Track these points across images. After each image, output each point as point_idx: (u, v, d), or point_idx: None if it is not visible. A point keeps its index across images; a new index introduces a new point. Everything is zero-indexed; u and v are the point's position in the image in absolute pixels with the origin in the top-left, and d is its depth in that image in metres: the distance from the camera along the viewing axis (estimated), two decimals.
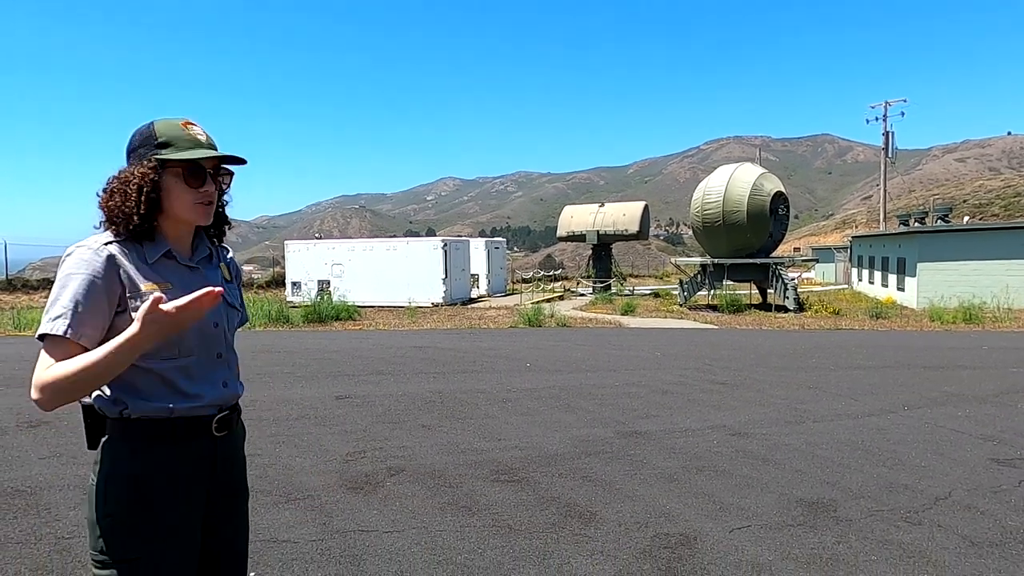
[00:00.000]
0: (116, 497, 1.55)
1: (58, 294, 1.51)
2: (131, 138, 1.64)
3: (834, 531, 3.72)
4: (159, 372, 1.59)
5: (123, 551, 1.54)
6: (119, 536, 1.54)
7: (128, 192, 1.57)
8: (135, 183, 1.57)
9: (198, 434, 1.64)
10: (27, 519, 3.74)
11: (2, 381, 7.85)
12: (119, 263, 1.55)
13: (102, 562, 1.55)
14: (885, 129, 37.31)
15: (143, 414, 1.57)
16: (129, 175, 1.58)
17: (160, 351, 1.57)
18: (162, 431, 1.59)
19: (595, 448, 5.34)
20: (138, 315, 1.43)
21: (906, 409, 6.91)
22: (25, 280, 29.39)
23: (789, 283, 21.36)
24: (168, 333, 1.47)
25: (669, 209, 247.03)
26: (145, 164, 1.59)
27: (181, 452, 1.62)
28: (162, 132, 1.60)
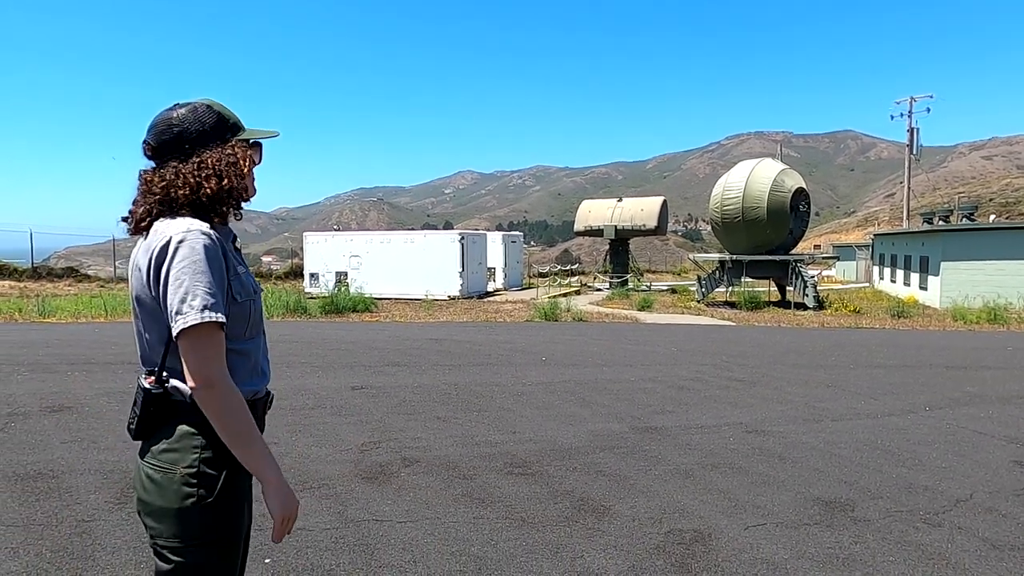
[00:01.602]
0: (212, 481, 1.54)
1: (198, 281, 1.49)
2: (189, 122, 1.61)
3: (851, 531, 3.67)
4: (247, 352, 1.64)
5: (209, 533, 1.54)
6: (215, 517, 1.54)
7: (240, 172, 1.62)
8: (243, 162, 1.63)
9: (261, 413, 1.71)
10: (49, 501, 3.81)
11: (27, 366, 8.00)
12: (225, 247, 1.60)
13: (177, 548, 1.53)
14: (910, 125, 36.65)
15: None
16: (232, 156, 1.62)
17: (249, 331, 1.63)
18: None
19: (610, 443, 5.33)
20: (286, 500, 1.57)
21: (927, 409, 6.81)
22: (50, 268, 29.91)
23: (809, 280, 21.11)
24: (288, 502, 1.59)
25: (688, 205, 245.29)
26: (235, 145, 1.64)
27: None
28: (228, 115, 1.67)
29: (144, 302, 1.57)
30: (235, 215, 1.68)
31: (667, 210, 31.01)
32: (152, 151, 1.63)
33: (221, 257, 1.55)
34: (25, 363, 8.24)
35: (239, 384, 1.58)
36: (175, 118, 1.61)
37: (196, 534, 1.53)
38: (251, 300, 1.63)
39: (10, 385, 6.89)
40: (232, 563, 1.61)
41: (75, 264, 37.07)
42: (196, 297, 1.47)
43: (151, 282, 1.53)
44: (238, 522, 1.60)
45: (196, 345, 1.47)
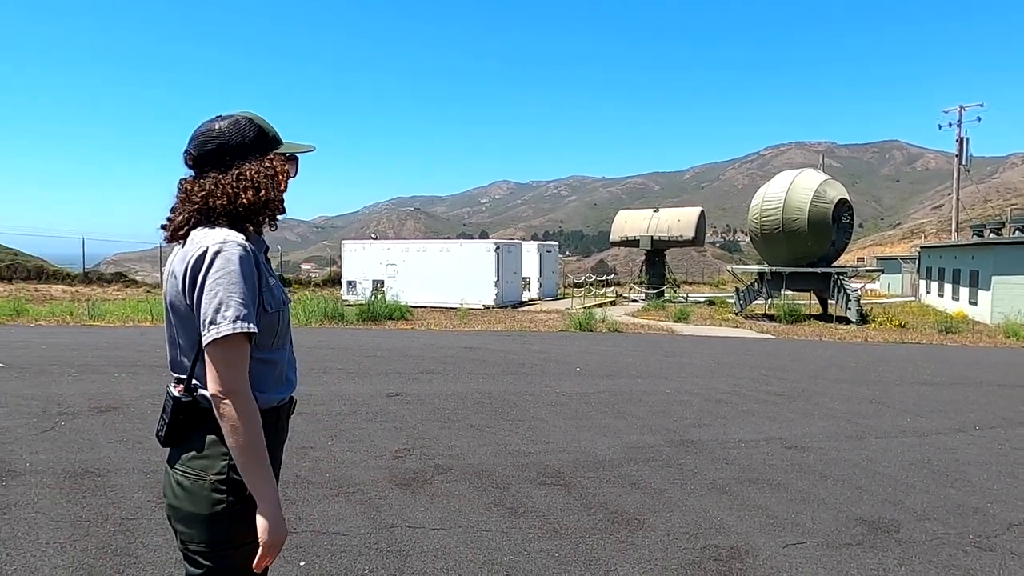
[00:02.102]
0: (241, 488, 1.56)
1: (233, 292, 1.51)
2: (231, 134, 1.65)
3: (896, 553, 3.55)
4: (277, 362, 1.67)
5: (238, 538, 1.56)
6: (243, 524, 1.55)
7: (277, 184, 1.66)
8: (281, 175, 1.67)
9: (285, 419, 1.75)
10: (95, 499, 3.93)
11: (77, 368, 8.28)
12: (259, 259, 1.63)
13: (207, 553, 1.56)
14: (959, 135, 35.57)
15: (265, 405, 1.62)
16: (271, 169, 1.66)
17: (275, 341, 1.65)
18: (271, 419, 1.65)
19: (644, 455, 5.26)
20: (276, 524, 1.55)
21: (977, 428, 6.56)
22: (100, 274, 30.98)
23: (852, 294, 20.58)
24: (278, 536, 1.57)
25: (726, 216, 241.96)
26: (273, 158, 1.68)
27: (277, 439, 1.71)
28: (268, 128, 1.71)
29: (178, 309, 1.60)
30: (270, 226, 1.71)
31: (705, 221, 30.64)
32: (193, 161, 1.66)
33: (255, 268, 1.58)
34: (75, 365, 8.54)
35: (264, 392, 1.61)
36: (217, 130, 1.65)
37: (225, 539, 1.56)
38: (280, 311, 1.65)
39: (61, 385, 7.14)
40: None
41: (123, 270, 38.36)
42: (230, 308, 1.49)
43: (186, 290, 1.56)
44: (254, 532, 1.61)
45: (225, 355, 1.50)
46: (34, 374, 7.76)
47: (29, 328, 13.62)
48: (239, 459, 1.52)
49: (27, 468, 4.44)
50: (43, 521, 3.60)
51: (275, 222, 1.73)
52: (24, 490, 4.03)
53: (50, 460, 4.61)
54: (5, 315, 15.59)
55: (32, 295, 22.91)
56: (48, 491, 4.03)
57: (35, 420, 5.67)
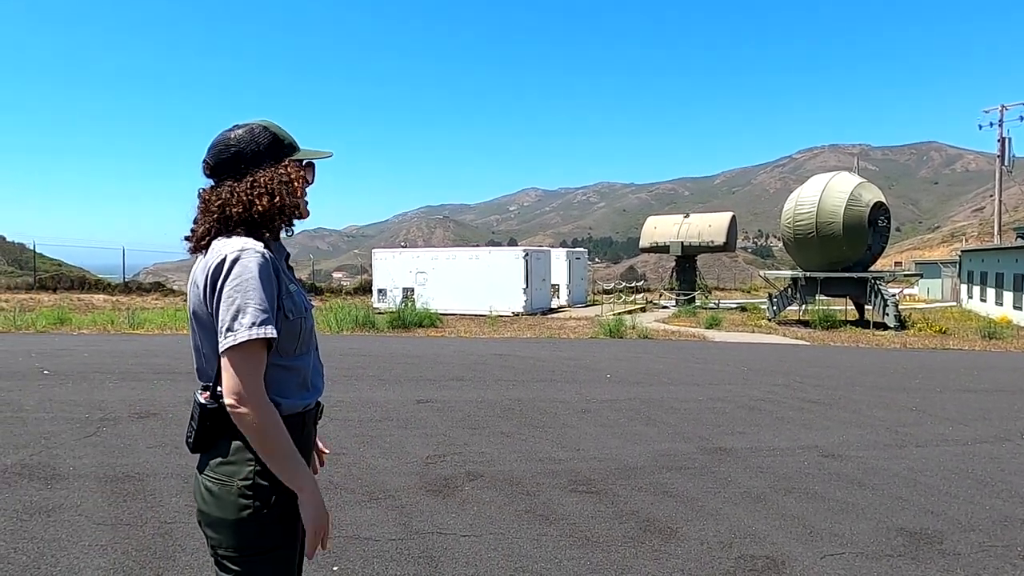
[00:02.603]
0: (267, 495, 1.58)
1: (250, 298, 1.52)
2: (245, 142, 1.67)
3: (939, 564, 3.44)
4: (299, 369, 1.67)
5: (272, 544, 1.58)
6: (269, 531, 1.58)
7: (292, 190, 1.67)
8: (296, 181, 1.68)
9: (311, 426, 1.75)
10: (135, 503, 4.02)
11: (118, 375, 8.50)
12: (278, 266, 1.65)
13: (235, 558, 1.58)
14: (1001, 135, 34.57)
15: (289, 411, 1.63)
16: (285, 175, 1.67)
17: (298, 347, 1.66)
18: (295, 425, 1.65)
19: (677, 463, 5.19)
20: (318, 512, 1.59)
21: (1023, 437, 6.34)
22: (139, 283, 31.79)
23: (889, 299, 20.08)
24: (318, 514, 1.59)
25: (758, 221, 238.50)
26: (288, 165, 1.69)
27: (304, 445, 1.70)
28: (283, 135, 1.72)
29: (200, 317, 1.62)
30: (287, 231, 1.72)
31: (736, 226, 30.23)
32: (210, 170, 1.68)
33: (273, 275, 1.59)
34: (115, 372, 8.77)
35: (287, 398, 1.62)
36: (232, 139, 1.67)
37: (253, 544, 1.57)
38: (302, 318, 1.66)
39: (102, 392, 7.34)
40: (288, 571, 1.64)
41: (161, 279, 39.31)
42: (247, 314, 1.50)
43: (207, 298, 1.58)
44: (292, 532, 1.63)
45: (243, 361, 1.50)
46: (77, 381, 7.99)
47: (72, 336, 14.04)
48: (269, 463, 1.54)
49: (71, 472, 4.56)
50: (86, 524, 3.69)
51: (291, 227, 1.73)
52: (68, 493, 4.15)
53: (92, 464, 4.74)
54: (50, 324, 16.09)
55: (75, 304, 23.62)
56: (90, 494, 4.14)
57: (78, 425, 5.84)
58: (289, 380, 1.65)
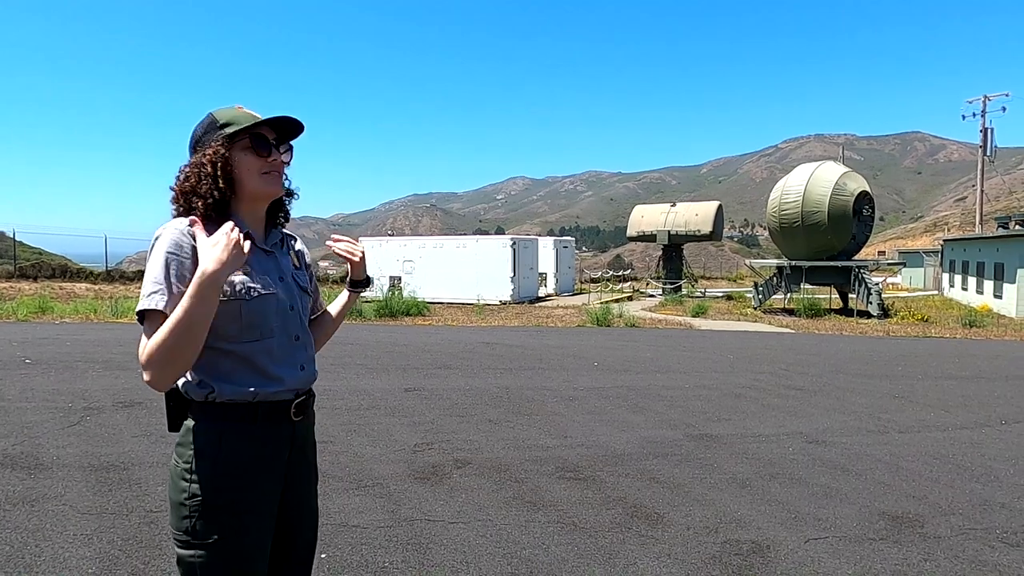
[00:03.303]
0: (202, 480, 1.57)
1: (151, 272, 1.55)
2: (192, 134, 1.71)
3: (920, 548, 3.50)
4: (244, 355, 1.62)
5: (207, 532, 1.56)
6: (203, 517, 1.56)
7: (203, 172, 1.63)
8: (208, 160, 1.64)
9: (278, 419, 1.67)
10: (120, 492, 3.99)
11: (101, 364, 8.41)
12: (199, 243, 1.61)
13: (185, 542, 1.57)
14: (983, 125, 34.92)
15: (229, 398, 1.60)
16: (201, 156, 1.65)
17: (243, 333, 1.61)
18: (246, 415, 1.62)
19: (663, 449, 5.23)
20: (203, 251, 1.52)
21: (1003, 423, 6.45)
22: (122, 272, 31.43)
23: (873, 287, 20.29)
24: (232, 262, 1.51)
25: (744, 210, 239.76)
26: (213, 144, 1.65)
27: (263, 436, 1.64)
28: (222, 116, 1.68)
29: None
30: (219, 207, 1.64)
31: (723, 215, 30.36)
32: None
33: (187, 250, 1.57)
34: (99, 360, 8.67)
35: (227, 383, 1.59)
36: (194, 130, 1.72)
37: (193, 530, 1.56)
38: (241, 300, 1.60)
39: (85, 381, 7.26)
40: (239, 566, 1.59)
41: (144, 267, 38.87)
42: (146, 285, 1.54)
43: None
44: (239, 527, 1.59)
45: (145, 329, 1.52)
46: (60, 370, 7.90)
47: (54, 325, 13.86)
48: (187, 331, 1.47)
49: (54, 462, 4.52)
50: (70, 513, 3.66)
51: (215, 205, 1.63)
52: (52, 483, 4.11)
53: (76, 454, 4.69)
54: (31, 312, 15.87)
55: (56, 293, 23.31)
56: (75, 484, 4.10)
57: (61, 415, 5.78)
58: (228, 364, 1.60)
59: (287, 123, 1.69)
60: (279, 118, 1.68)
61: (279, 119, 1.68)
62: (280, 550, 1.73)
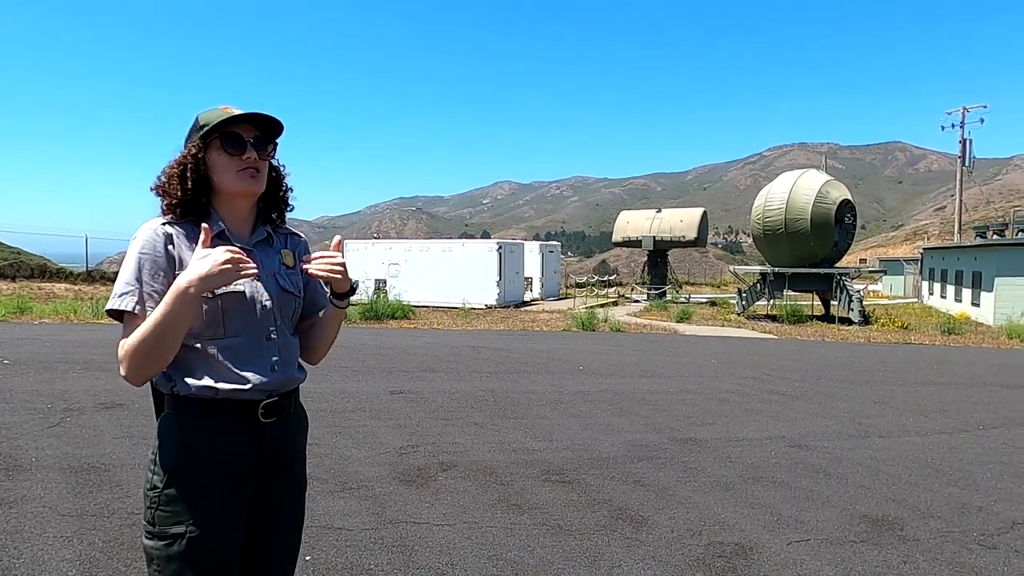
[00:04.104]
0: (163, 471, 1.59)
1: (123, 272, 1.59)
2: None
3: (900, 550, 3.56)
4: (206, 351, 1.61)
5: (166, 524, 1.57)
6: (164, 509, 1.57)
7: (175, 171, 1.65)
8: (178, 162, 1.66)
9: (244, 418, 1.64)
10: (101, 494, 3.94)
11: (82, 365, 8.30)
12: (173, 240, 1.63)
13: (150, 533, 1.59)
14: (962, 136, 35.53)
15: (190, 393, 1.60)
16: (178, 158, 1.67)
17: (205, 329, 1.60)
18: (208, 411, 1.61)
19: (648, 453, 5.26)
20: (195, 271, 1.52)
21: (980, 428, 6.56)
22: (103, 272, 31.02)
23: (854, 295, 20.54)
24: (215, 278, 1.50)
25: (728, 217, 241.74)
26: (188, 146, 1.67)
27: (227, 434, 1.63)
28: (203, 118, 1.68)
29: None
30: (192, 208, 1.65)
31: (707, 221, 30.59)
32: None
33: (161, 250, 1.59)
34: (79, 361, 8.56)
35: (193, 378, 1.60)
36: None
37: (153, 522, 1.58)
38: (214, 298, 1.59)
39: (66, 382, 7.16)
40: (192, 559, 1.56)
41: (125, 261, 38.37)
42: (117, 285, 1.57)
43: None
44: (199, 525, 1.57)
45: (123, 327, 1.56)
46: (39, 371, 7.79)
47: (33, 326, 13.66)
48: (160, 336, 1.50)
49: (33, 463, 4.46)
50: (50, 515, 3.61)
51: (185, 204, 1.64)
52: (31, 485, 4.05)
53: (56, 455, 4.63)
54: (9, 313, 15.62)
55: (35, 293, 22.96)
56: (55, 486, 4.05)
57: (41, 416, 5.70)
58: (190, 359, 1.61)
59: (260, 120, 1.67)
60: (248, 114, 1.65)
61: (248, 115, 1.66)
62: (253, 553, 1.70)
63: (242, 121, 1.65)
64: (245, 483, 1.66)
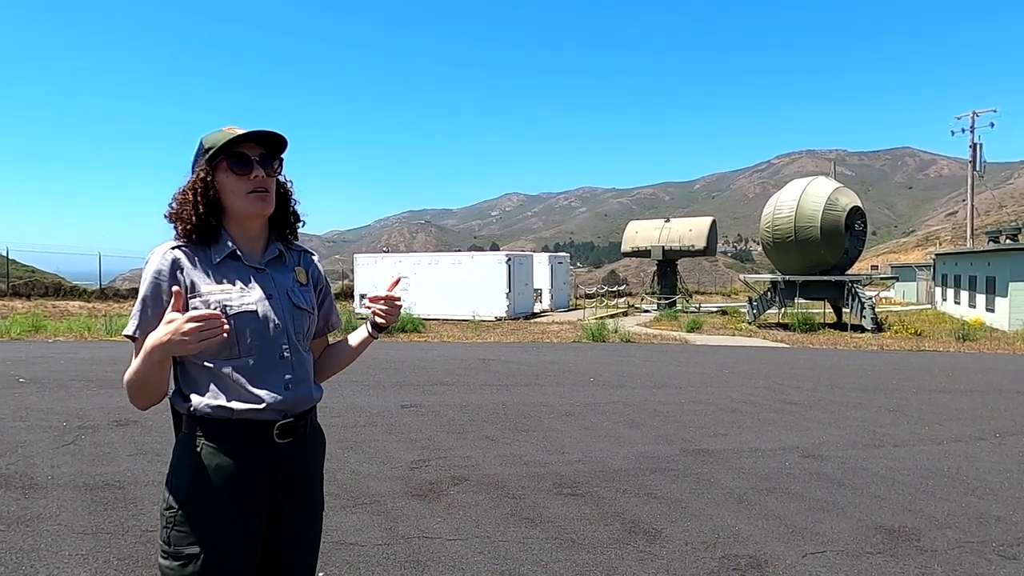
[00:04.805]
0: (179, 491, 1.60)
1: (138, 297, 1.65)
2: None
3: (917, 561, 3.51)
4: (220, 372, 1.62)
5: (181, 544, 1.58)
6: (179, 529, 1.58)
7: (185, 197, 1.67)
8: (189, 188, 1.68)
9: (259, 438, 1.64)
10: (116, 511, 3.97)
11: (96, 382, 8.37)
12: (182, 265, 1.64)
13: (166, 553, 1.60)
14: (972, 141, 35.32)
15: (206, 413, 1.62)
16: (188, 184, 1.70)
17: (219, 351, 1.62)
18: (223, 431, 1.62)
19: (660, 465, 5.24)
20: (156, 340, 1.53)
21: (997, 436, 6.48)
22: (116, 290, 31.32)
23: (866, 302, 20.40)
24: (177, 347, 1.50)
25: (737, 225, 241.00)
26: (197, 170, 1.69)
27: (241, 454, 1.62)
28: (208, 141, 1.69)
29: None
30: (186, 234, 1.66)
31: (716, 230, 30.53)
32: None
33: (165, 275, 1.63)
34: (93, 379, 8.63)
35: (208, 399, 1.62)
36: None
37: (169, 541, 1.60)
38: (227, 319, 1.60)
39: (80, 400, 7.23)
40: None
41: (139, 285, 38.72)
42: (134, 309, 1.64)
43: None
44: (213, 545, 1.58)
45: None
46: (54, 389, 7.86)
47: (48, 344, 13.79)
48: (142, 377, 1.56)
49: (49, 481, 4.49)
50: (65, 533, 3.64)
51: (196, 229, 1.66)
52: (46, 503, 4.09)
53: (71, 473, 4.67)
54: (24, 331, 15.79)
55: (50, 311, 23.19)
56: (70, 503, 4.08)
57: (56, 434, 5.75)
58: (205, 380, 1.63)
59: (264, 137, 1.66)
60: (252, 133, 1.65)
61: (251, 134, 1.65)
62: (267, 574, 1.72)
63: (246, 140, 1.65)
64: (261, 504, 1.66)
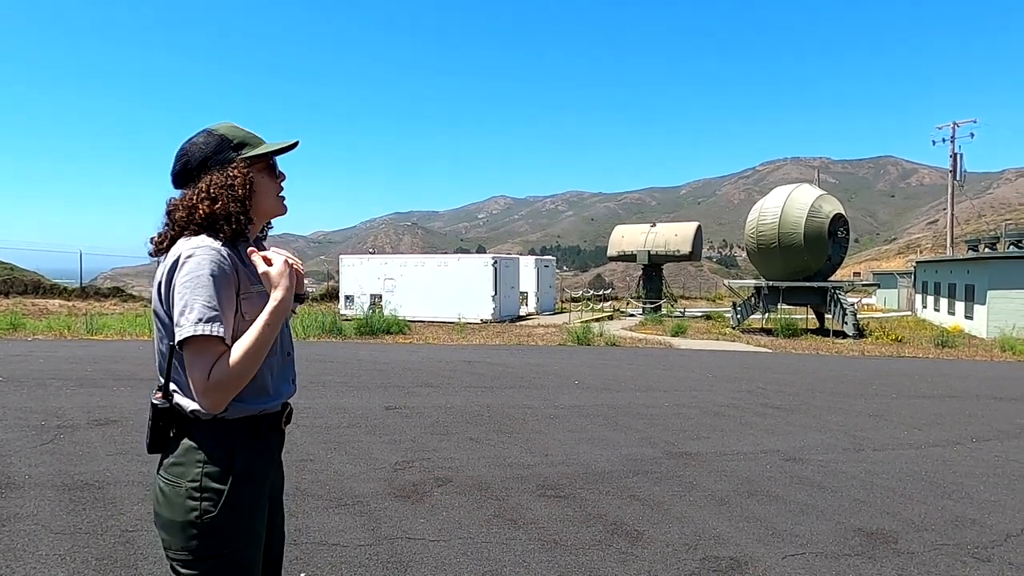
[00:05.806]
0: (216, 496, 1.57)
1: (198, 295, 1.51)
2: (193, 149, 1.67)
3: (894, 563, 3.56)
4: (257, 374, 1.62)
5: (219, 547, 1.57)
6: (216, 533, 1.56)
7: (235, 194, 1.62)
8: (239, 183, 1.63)
9: (273, 430, 1.72)
10: (95, 511, 3.93)
11: (75, 381, 8.27)
12: (236, 263, 1.61)
13: (189, 561, 1.56)
14: (953, 151, 35.88)
15: (238, 415, 1.61)
16: (228, 178, 1.63)
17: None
18: (251, 429, 1.64)
19: (643, 467, 5.27)
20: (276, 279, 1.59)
21: (974, 441, 6.58)
22: (97, 288, 30.93)
23: (848, 308, 20.63)
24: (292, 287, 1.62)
25: (723, 231, 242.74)
26: (236, 167, 1.64)
27: (262, 448, 1.69)
28: (233, 135, 1.68)
29: (159, 316, 1.62)
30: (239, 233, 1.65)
31: (701, 236, 30.76)
32: (173, 181, 1.71)
33: (230, 273, 1.57)
34: (73, 378, 8.53)
35: (242, 402, 1.60)
36: (184, 148, 1.68)
37: (201, 548, 1.55)
38: None
39: (59, 399, 7.13)
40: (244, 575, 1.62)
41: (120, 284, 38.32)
42: (193, 310, 1.48)
43: (162, 296, 1.58)
44: (247, 535, 1.61)
45: (192, 357, 1.49)
46: (32, 387, 7.75)
47: (27, 342, 13.60)
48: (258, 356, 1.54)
49: (27, 480, 4.43)
50: (43, 533, 3.60)
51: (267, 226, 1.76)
52: (24, 502, 4.04)
53: (50, 472, 4.61)
54: (2, 329, 15.56)
55: (29, 310, 22.86)
56: (48, 503, 4.03)
57: (34, 433, 5.67)
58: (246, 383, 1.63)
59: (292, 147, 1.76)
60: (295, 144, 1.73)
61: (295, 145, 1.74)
62: None
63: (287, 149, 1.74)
64: (268, 495, 1.73)
